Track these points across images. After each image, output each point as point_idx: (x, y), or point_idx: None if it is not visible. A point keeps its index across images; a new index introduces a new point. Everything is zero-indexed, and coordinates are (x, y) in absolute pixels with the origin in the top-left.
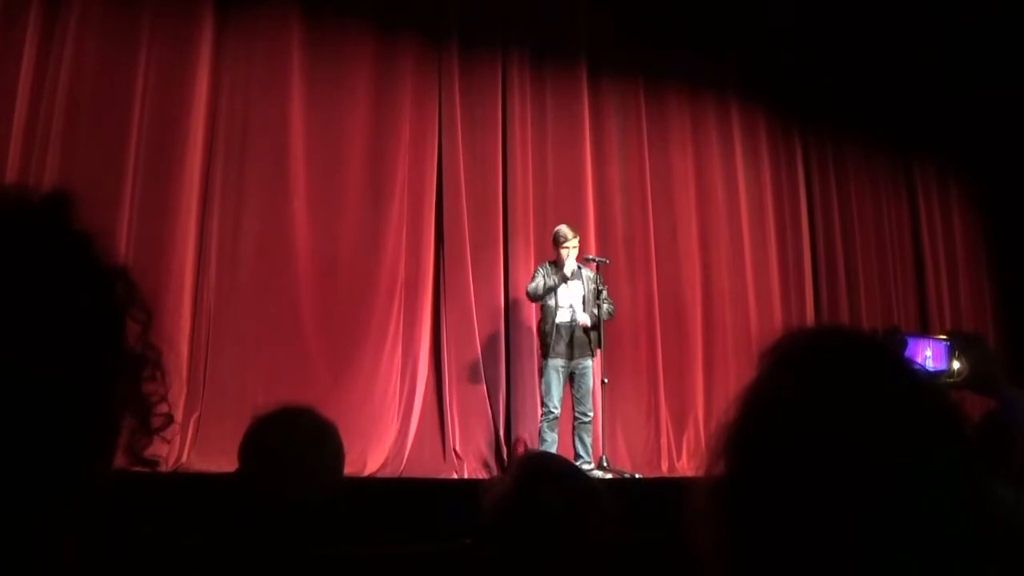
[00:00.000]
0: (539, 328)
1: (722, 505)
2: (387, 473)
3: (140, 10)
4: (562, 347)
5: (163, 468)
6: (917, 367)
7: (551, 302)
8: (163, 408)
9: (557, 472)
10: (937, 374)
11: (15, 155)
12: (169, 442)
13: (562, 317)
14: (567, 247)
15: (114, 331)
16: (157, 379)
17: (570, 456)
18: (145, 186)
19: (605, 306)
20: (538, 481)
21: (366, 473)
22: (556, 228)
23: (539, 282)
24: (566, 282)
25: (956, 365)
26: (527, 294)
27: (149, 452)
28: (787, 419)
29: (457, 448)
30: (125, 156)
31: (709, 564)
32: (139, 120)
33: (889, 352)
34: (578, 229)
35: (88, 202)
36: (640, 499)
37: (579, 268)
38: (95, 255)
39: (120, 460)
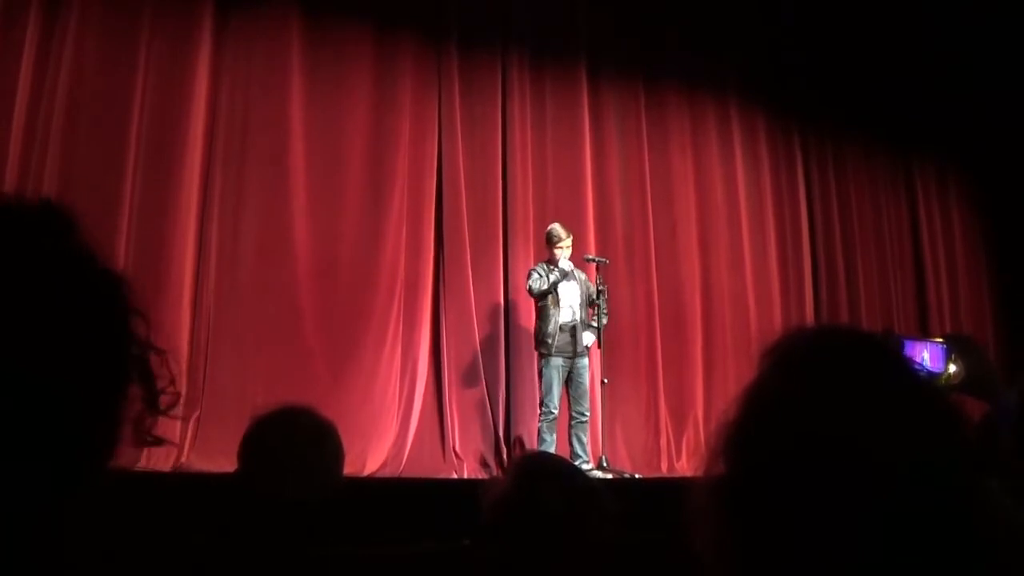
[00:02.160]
0: (537, 328)
1: (722, 504)
2: (387, 473)
3: (140, 10)
4: (565, 344)
5: (163, 468)
6: (917, 367)
7: (551, 302)
8: (171, 388)
9: (556, 471)
10: (933, 377)
11: (15, 155)
12: (183, 419)
13: (564, 317)
14: (561, 247)
15: (116, 330)
16: (163, 362)
17: (567, 456)
18: (145, 186)
19: (603, 305)
20: (537, 481)
21: (366, 473)
22: (550, 227)
23: (542, 279)
24: (565, 278)
25: (952, 368)
26: (529, 291)
27: (158, 432)
28: (787, 419)
29: (457, 448)
30: (125, 156)
31: (709, 563)
32: (139, 120)
33: (889, 352)
34: (572, 229)
35: (88, 202)
36: (640, 499)
37: (573, 270)
38: (92, 259)
39: (129, 438)
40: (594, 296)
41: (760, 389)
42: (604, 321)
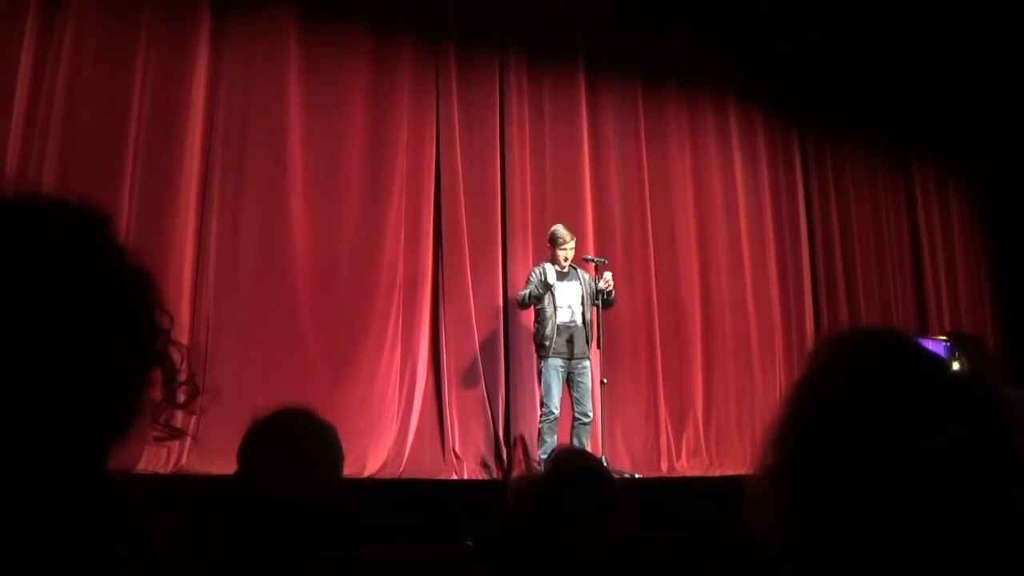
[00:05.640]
0: (535, 330)
1: (777, 491)
2: (387, 474)
3: (138, 12)
4: (562, 347)
5: (162, 470)
6: (942, 359)
7: (548, 303)
8: (190, 382)
9: (585, 471)
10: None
11: (13, 156)
12: (199, 414)
13: (561, 317)
14: (564, 248)
15: (138, 322)
16: (183, 357)
17: None
18: (143, 188)
19: (607, 290)
20: (564, 478)
21: (366, 474)
22: (553, 228)
23: (526, 291)
24: (549, 289)
25: (955, 366)
26: (516, 303)
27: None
28: (832, 409)
29: (456, 449)
30: (123, 157)
31: (768, 548)
32: (137, 122)
33: (918, 346)
34: (575, 230)
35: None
36: (640, 499)
37: (574, 268)
38: (120, 254)
39: (147, 428)
40: (595, 295)
41: (807, 386)
42: (610, 295)
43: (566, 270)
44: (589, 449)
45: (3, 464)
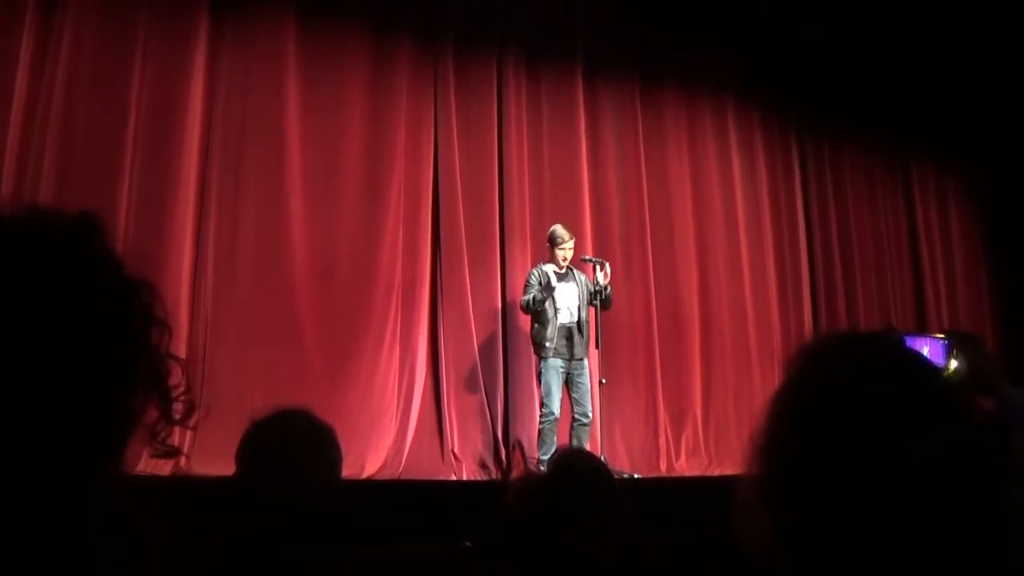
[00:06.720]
0: (535, 332)
1: (766, 501)
2: (386, 475)
3: (136, 12)
4: (562, 348)
5: (162, 472)
6: (933, 363)
7: (548, 304)
8: (186, 397)
9: (585, 471)
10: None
11: (12, 157)
12: (193, 429)
13: (561, 318)
14: (563, 248)
15: (129, 338)
16: (182, 371)
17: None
18: (142, 188)
19: (605, 284)
20: (564, 478)
21: (364, 475)
22: (552, 228)
23: (530, 296)
24: (552, 292)
25: (954, 364)
26: (521, 308)
27: (170, 441)
28: (818, 416)
29: (455, 450)
30: (122, 157)
31: (759, 556)
32: (135, 123)
33: (905, 349)
34: (574, 231)
35: (84, 206)
36: (639, 499)
37: (571, 270)
38: (114, 267)
39: (143, 448)
40: (592, 295)
41: (790, 392)
42: (607, 291)
43: (564, 271)
44: (588, 450)
45: (3, 464)
